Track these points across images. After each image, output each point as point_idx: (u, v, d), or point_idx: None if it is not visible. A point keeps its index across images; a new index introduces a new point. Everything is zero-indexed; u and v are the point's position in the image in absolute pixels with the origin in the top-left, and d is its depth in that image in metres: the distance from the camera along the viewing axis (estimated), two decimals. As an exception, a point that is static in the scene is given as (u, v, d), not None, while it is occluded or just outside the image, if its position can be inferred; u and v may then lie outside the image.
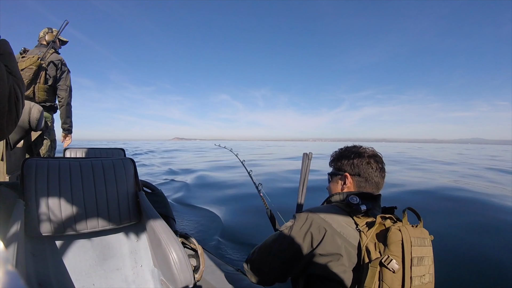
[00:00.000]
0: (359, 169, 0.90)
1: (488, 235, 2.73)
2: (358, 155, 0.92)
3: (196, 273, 1.06)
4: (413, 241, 0.72)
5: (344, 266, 0.74)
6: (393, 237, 0.71)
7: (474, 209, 3.65)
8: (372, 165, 0.89)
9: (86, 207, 1.06)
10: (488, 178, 6.88)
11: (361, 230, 0.75)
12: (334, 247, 0.75)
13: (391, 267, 0.68)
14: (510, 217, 3.23)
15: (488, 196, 4.33)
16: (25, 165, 1.02)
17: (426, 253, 0.74)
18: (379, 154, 0.94)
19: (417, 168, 9.02)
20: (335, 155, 1.00)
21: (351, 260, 0.74)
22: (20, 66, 2.35)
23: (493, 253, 2.34)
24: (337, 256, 0.74)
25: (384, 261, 0.69)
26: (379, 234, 0.74)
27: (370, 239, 0.73)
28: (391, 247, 0.70)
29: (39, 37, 2.65)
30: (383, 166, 0.92)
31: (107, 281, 1.03)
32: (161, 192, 1.60)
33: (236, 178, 6.23)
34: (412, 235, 0.73)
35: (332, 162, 1.00)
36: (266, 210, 1.40)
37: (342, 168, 0.94)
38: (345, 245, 0.75)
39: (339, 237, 0.75)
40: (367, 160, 0.90)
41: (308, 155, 1.19)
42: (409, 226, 0.75)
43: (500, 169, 9.13)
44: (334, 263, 0.75)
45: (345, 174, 0.92)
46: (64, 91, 2.61)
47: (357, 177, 0.90)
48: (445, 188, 4.91)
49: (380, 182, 0.91)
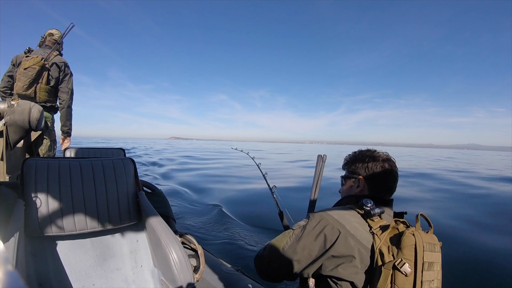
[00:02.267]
0: (373, 172, 0.90)
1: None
2: (372, 159, 0.92)
3: (196, 273, 1.06)
4: (425, 246, 0.73)
5: (356, 268, 0.74)
6: (407, 241, 0.72)
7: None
8: (386, 169, 0.89)
9: (86, 207, 1.06)
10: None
11: (375, 233, 0.76)
12: (347, 249, 0.75)
13: (403, 270, 0.69)
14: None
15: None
16: (25, 165, 1.02)
17: (435, 259, 0.75)
18: (392, 158, 0.94)
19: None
20: (349, 158, 0.99)
21: (363, 262, 0.75)
22: (24, 65, 2.38)
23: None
24: (350, 257, 0.75)
25: (397, 264, 0.70)
26: (393, 238, 0.75)
27: (384, 242, 0.74)
28: (405, 250, 0.71)
29: (43, 37, 2.66)
30: (396, 171, 0.92)
31: (107, 281, 1.03)
32: (161, 192, 1.60)
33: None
34: (425, 240, 0.73)
35: (346, 165, 1.00)
36: (278, 211, 1.42)
37: (356, 171, 0.93)
38: (358, 247, 0.75)
39: (352, 239, 0.76)
40: (382, 164, 0.90)
41: (322, 157, 1.19)
42: (422, 232, 0.76)
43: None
44: (347, 264, 0.75)
45: (359, 177, 0.92)
46: (66, 94, 2.61)
47: (371, 180, 0.90)
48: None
49: (393, 187, 0.91)
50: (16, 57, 2.54)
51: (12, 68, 2.54)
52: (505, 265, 2.55)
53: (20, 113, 1.72)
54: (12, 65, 2.55)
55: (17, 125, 1.73)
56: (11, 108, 1.70)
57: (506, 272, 2.43)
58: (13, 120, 1.70)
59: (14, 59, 2.54)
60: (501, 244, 3.03)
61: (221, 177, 7.74)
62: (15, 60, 2.53)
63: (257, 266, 0.96)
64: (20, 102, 1.75)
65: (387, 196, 0.91)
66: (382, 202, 0.87)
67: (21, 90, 2.39)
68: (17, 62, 2.51)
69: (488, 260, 2.66)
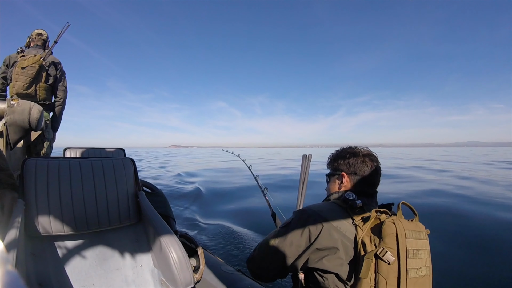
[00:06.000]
0: (354, 168, 0.93)
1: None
2: (353, 154, 0.95)
3: (196, 273, 1.06)
4: (408, 233, 0.74)
5: (341, 260, 0.76)
6: (387, 229, 0.73)
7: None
8: (367, 163, 0.92)
9: (86, 207, 1.06)
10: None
11: (357, 225, 0.78)
12: (330, 241, 0.77)
13: (386, 259, 0.71)
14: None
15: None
16: (25, 165, 1.02)
17: (422, 246, 0.76)
18: (373, 153, 0.97)
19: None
20: (332, 156, 1.03)
21: (347, 254, 0.77)
22: (22, 65, 2.37)
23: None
24: (334, 250, 0.77)
25: (379, 253, 0.72)
26: (374, 228, 0.77)
27: (366, 233, 0.76)
28: (386, 239, 0.73)
29: (30, 38, 2.64)
30: (378, 164, 0.95)
31: (107, 281, 1.03)
32: (161, 192, 1.60)
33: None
34: (407, 228, 0.75)
35: (330, 163, 1.03)
36: (271, 212, 1.45)
37: (339, 168, 0.97)
38: (341, 239, 0.77)
39: (335, 232, 0.78)
40: (362, 159, 0.93)
41: (307, 156, 1.23)
42: (403, 220, 0.78)
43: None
44: (331, 256, 0.77)
45: (342, 173, 0.95)
46: (63, 92, 2.71)
47: (353, 175, 0.93)
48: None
49: (375, 180, 0.94)
50: (8, 57, 2.52)
51: (5, 69, 2.52)
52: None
53: (20, 113, 1.72)
54: (5, 66, 2.52)
55: (17, 125, 1.73)
56: (11, 108, 1.70)
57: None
58: (13, 120, 1.70)
59: (7, 59, 2.51)
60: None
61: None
62: (8, 61, 2.50)
63: (250, 268, 0.99)
64: (20, 102, 1.76)
65: (370, 189, 0.93)
66: (366, 195, 0.90)
67: (22, 90, 2.38)
68: (10, 62, 2.49)
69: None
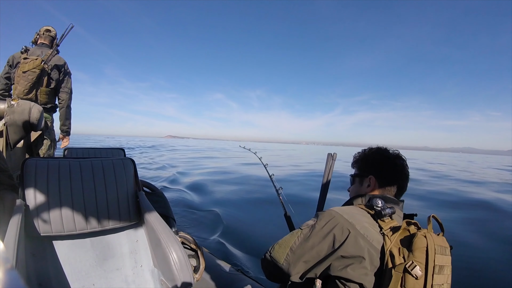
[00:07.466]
0: (384, 171, 0.88)
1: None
2: (383, 157, 0.90)
3: (196, 273, 1.06)
4: (437, 249, 0.71)
5: (366, 269, 0.72)
6: (419, 243, 0.70)
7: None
8: (398, 168, 0.87)
9: (86, 207, 1.06)
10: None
11: (385, 234, 0.74)
12: (357, 250, 0.73)
13: (414, 273, 0.67)
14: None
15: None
16: (25, 165, 1.02)
17: (446, 262, 0.73)
18: (403, 157, 0.91)
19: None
20: (359, 156, 0.97)
21: (373, 264, 0.73)
22: (23, 68, 2.32)
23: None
24: (359, 258, 0.73)
25: (408, 267, 0.68)
26: (404, 240, 0.72)
27: (394, 244, 0.72)
28: (416, 253, 0.69)
29: (38, 34, 2.57)
30: (407, 170, 0.89)
31: (107, 281, 1.03)
32: (161, 192, 1.60)
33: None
34: (436, 243, 0.71)
35: (356, 163, 0.97)
36: (284, 213, 1.40)
37: (367, 169, 0.91)
38: (368, 248, 0.73)
39: (362, 240, 0.73)
40: (393, 162, 0.88)
41: (332, 155, 1.18)
42: (433, 234, 0.74)
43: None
44: (356, 265, 0.73)
45: (370, 176, 0.89)
46: (66, 94, 2.61)
47: (382, 180, 0.88)
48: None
49: (403, 186, 0.89)
50: (12, 57, 2.46)
51: (9, 69, 2.47)
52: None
53: (20, 113, 1.72)
54: (9, 66, 2.47)
55: (17, 125, 1.73)
56: (11, 108, 1.71)
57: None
58: (13, 120, 1.70)
59: (11, 59, 2.46)
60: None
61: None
62: (12, 61, 2.45)
63: (264, 267, 0.93)
64: (20, 102, 1.76)
65: (398, 196, 0.88)
66: (392, 203, 0.84)
67: (22, 94, 2.33)
68: (14, 63, 2.43)
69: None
